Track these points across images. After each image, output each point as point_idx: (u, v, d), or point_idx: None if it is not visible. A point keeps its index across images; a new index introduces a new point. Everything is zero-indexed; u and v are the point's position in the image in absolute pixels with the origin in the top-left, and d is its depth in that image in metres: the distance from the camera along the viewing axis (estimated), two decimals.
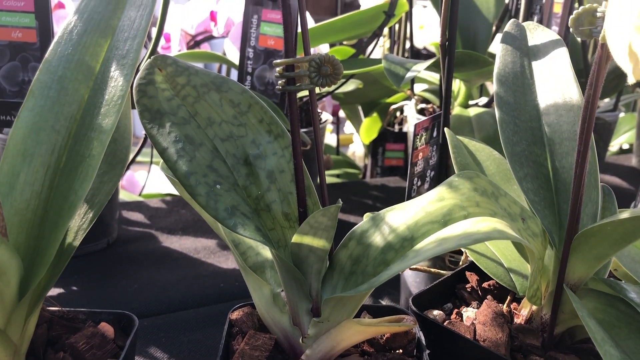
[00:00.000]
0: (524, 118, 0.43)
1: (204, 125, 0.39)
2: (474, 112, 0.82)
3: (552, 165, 0.41)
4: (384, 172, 1.13)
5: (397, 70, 0.60)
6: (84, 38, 0.37)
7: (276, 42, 0.74)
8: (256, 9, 0.74)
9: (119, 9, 0.38)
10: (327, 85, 0.35)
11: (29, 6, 0.62)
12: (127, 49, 0.36)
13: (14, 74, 0.63)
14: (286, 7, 0.34)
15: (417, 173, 0.56)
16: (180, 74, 0.39)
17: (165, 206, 0.89)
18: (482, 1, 0.87)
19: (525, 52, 0.46)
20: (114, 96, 0.35)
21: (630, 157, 1.19)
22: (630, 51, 0.28)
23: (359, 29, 0.84)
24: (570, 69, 0.43)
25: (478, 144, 0.50)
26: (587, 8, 0.33)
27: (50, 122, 0.35)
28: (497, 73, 0.45)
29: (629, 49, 0.28)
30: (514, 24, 0.48)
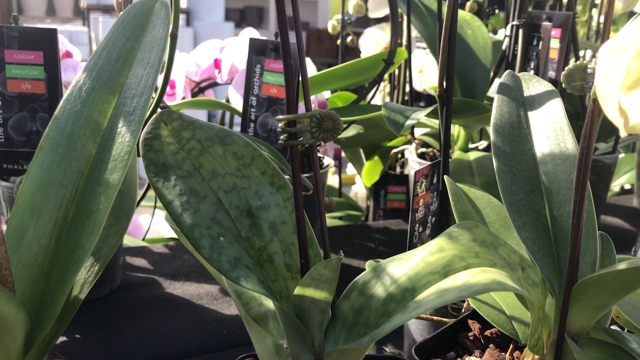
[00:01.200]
0: (521, 167, 0.44)
1: (208, 177, 0.39)
2: (473, 156, 0.83)
3: (550, 214, 0.42)
4: (386, 214, 1.13)
5: (397, 118, 0.62)
6: (92, 95, 0.38)
7: (278, 90, 0.76)
8: (259, 59, 0.76)
9: (126, 67, 0.39)
10: (328, 139, 0.36)
11: (39, 59, 0.64)
12: (135, 105, 0.37)
13: (23, 124, 0.65)
14: (288, 66, 0.35)
15: (418, 219, 0.57)
16: (185, 128, 0.40)
17: (168, 251, 0.89)
18: (479, 48, 0.89)
19: (521, 103, 0.47)
20: (121, 152, 0.36)
21: (631, 197, 1.19)
22: (620, 108, 0.29)
23: (359, 76, 0.86)
24: (565, 119, 0.44)
25: (477, 192, 0.51)
26: (577, 65, 0.34)
27: (58, 178, 0.36)
28: (493, 123, 0.46)
29: (619, 107, 0.29)
30: (510, 75, 0.49)
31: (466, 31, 0.92)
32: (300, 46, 0.38)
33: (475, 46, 0.90)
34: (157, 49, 0.39)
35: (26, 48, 0.63)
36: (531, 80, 0.48)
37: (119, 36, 0.40)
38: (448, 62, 0.52)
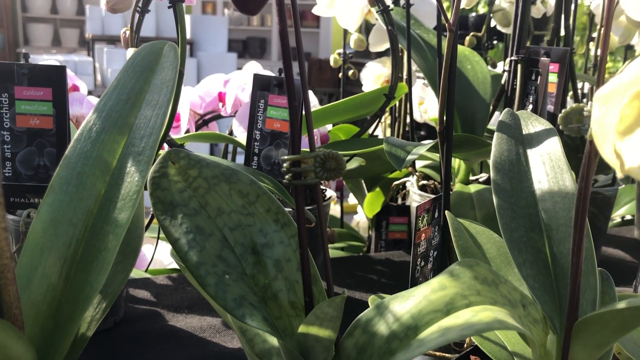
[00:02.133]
0: (521, 204, 0.45)
1: (214, 215, 0.40)
2: (474, 189, 0.84)
3: (550, 251, 0.43)
4: (388, 245, 1.14)
5: (398, 153, 0.63)
6: (102, 135, 0.39)
7: (282, 124, 0.77)
8: (263, 94, 0.78)
9: (135, 107, 0.40)
10: (332, 179, 0.37)
11: (48, 95, 0.65)
12: (143, 146, 0.38)
13: (30, 158, 0.66)
14: (293, 108, 0.36)
15: (420, 254, 0.57)
16: (192, 166, 0.41)
17: (171, 283, 0.89)
18: (478, 82, 0.91)
19: (520, 140, 0.48)
20: (130, 191, 0.37)
21: (631, 228, 1.19)
22: (615, 151, 0.30)
23: (360, 110, 0.87)
24: (563, 157, 0.45)
25: (478, 227, 0.52)
26: (574, 107, 0.35)
27: (68, 216, 0.37)
28: (493, 161, 0.47)
29: (614, 150, 0.30)
30: (509, 113, 0.50)
31: (465, 66, 0.94)
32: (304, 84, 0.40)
33: (475, 80, 0.91)
34: (166, 91, 0.40)
35: (36, 85, 0.65)
36: (530, 119, 0.50)
37: (128, 78, 0.41)
38: (448, 99, 0.54)
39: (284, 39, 0.34)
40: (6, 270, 0.30)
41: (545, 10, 1.23)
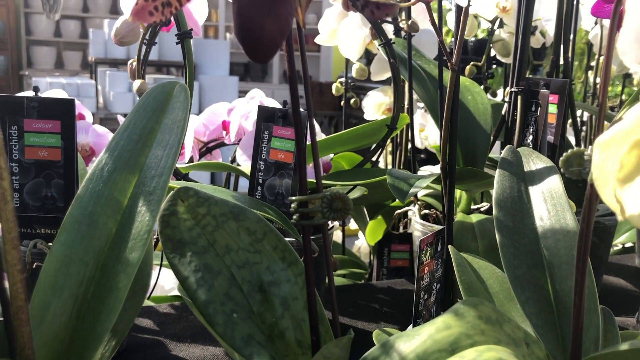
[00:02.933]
0: (523, 242, 0.46)
1: (222, 253, 0.41)
2: (476, 218, 0.84)
3: (553, 289, 0.43)
4: (390, 273, 1.14)
5: (401, 185, 0.64)
6: (113, 175, 0.40)
7: (286, 155, 0.78)
8: (267, 125, 0.79)
9: (146, 147, 0.41)
10: (338, 219, 0.38)
11: (56, 128, 0.66)
12: (154, 186, 0.39)
13: (38, 190, 0.67)
14: (300, 150, 0.37)
15: (423, 287, 0.58)
16: (201, 204, 0.42)
17: (174, 311, 0.90)
18: (479, 113, 0.92)
19: (522, 178, 0.49)
20: (141, 231, 0.38)
21: (632, 256, 1.20)
22: (615, 198, 0.31)
23: (363, 140, 0.88)
24: (564, 196, 0.46)
25: (481, 262, 0.52)
26: (575, 151, 0.36)
27: (80, 255, 0.37)
28: (496, 198, 0.48)
29: (614, 195, 0.31)
30: (510, 150, 0.51)
31: (466, 96, 0.95)
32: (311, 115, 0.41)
33: (476, 111, 0.93)
34: (177, 131, 0.41)
35: (45, 117, 0.66)
36: (531, 156, 0.51)
37: (140, 117, 0.42)
38: (451, 135, 0.55)
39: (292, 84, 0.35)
40: (20, 312, 0.31)
41: (544, 41, 1.25)
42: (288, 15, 0.31)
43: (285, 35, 0.32)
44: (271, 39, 0.31)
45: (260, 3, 0.31)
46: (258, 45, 0.31)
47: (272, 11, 0.31)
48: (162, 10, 0.31)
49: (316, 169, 0.40)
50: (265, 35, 0.31)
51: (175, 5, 0.32)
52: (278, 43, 0.32)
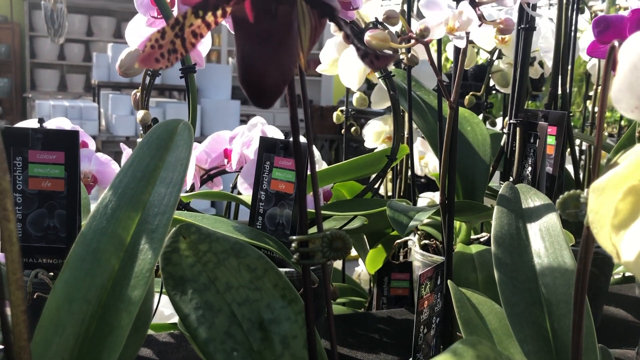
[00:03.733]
0: (521, 279, 0.46)
1: (222, 290, 0.41)
2: (475, 249, 0.85)
3: (551, 327, 0.44)
4: (390, 301, 1.14)
5: (401, 219, 0.64)
6: (117, 212, 0.41)
7: (287, 186, 0.79)
8: (269, 156, 0.80)
9: (149, 184, 0.42)
10: (339, 258, 0.38)
11: (60, 159, 0.67)
12: (157, 224, 0.40)
13: (41, 220, 0.67)
14: (302, 190, 0.38)
15: (423, 321, 0.58)
16: (202, 241, 0.42)
17: (174, 340, 0.89)
18: (478, 144, 0.93)
19: (520, 215, 0.50)
20: (143, 269, 0.38)
21: (633, 286, 1.20)
22: (611, 243, 0.31)
23: (363, 170, 0.89)
24: (562, 234, 0.46)
25: (480, 297, 0.53)
26: (571, 194, 0.37)
27: (82, 293, 0.38)
28: (494, 234, 0.48)
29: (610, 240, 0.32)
30: (508, 187, 0.52)
31: (465, 127, 0.96)
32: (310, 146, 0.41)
33: (475, 142, 0.94)
34: (180, 169, 0.42)
35: (49, 148, 0.67)
36: (529, 193, 0.51)
37: (143, 155, 0.43)
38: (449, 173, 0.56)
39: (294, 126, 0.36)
40: (22, 352, 0.31)
41: (542, 71, 1.26)
42: (291, 63, 0.32)
43: (287, 82, 0.33)
44: (274, 86, 0.32)
45: (263, 51, 0.32)
46: (261, 92, 0.32)
47: (275, 59, 0.32)
48: (168, 57, 0.32)
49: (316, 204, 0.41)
50: (268, 82, 0.32)
51: (181, 51, 0.33)
52: (281, 89, 0.33)
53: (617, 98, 0.32)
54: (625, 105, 0.32)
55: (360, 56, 0.30)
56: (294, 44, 0.33)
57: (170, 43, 0.32)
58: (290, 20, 0.32)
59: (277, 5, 0.32)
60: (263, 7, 0.32)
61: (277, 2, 0.32)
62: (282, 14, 0.32)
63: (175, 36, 0.32)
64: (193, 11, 0.32)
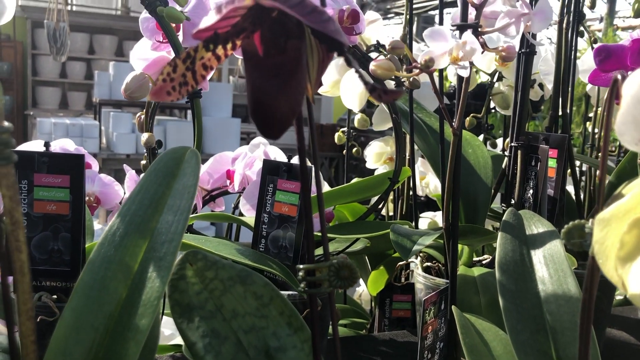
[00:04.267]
0: (526, 306, 0.46)
1: (229, 317, 0.41)
2: (478, 272, 0.85)
3: (557, 355, 0.44)
4: (392, 323, 1.13)
5: (405, 243, 0.64)
6: (125, 240, 0.41)
7: (290, 209, 0.79)
8: (272, 179, 0.80)
9: (157, 212, 0.42)
10: (346, 287, 0.39)
11: (65, 182, 0.67)
12: (165, 251, 0.40)
13: (45, 243, 0.68)
14: (309, 218, 0.38)
15: (427, 346, 0.58)
16: (209, 268, 0.43)
17: None
18: (480, 166, 0.94)
19: (524, 241, 0.50)
20: (151, 297, 0.38)
21: (635, 308, 1.19)
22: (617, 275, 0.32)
23: (365, 193, 0.90)
24: (566, 261, 0.47)
25: (485, 323, 0.53)
26: (575, 224, 0.37)
27: (90, 321, 0.38)
28: (498, 261, 0.48)
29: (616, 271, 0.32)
30: (512, 213, 0.52)
31: (467, 150, 0.97)
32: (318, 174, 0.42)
33: (476, 164, 0.94)
34: (187, 197, 0.42)
35: (54, 172, 0.67)
36: (532, 219, 0.52)
37: (151, 182, 0.44)
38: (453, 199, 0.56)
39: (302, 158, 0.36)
40: None
41: (543, 93, 1.27)
42: (299, 96, 0.33)
43: (296, 114, 0.34)
44: (283, 118, 0.32)
45: (273, 84, 0.32)
46: (271, 124, 0.33)
47: (284, 92, 0.32)
48: (179, 89, 0.33)
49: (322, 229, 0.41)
50: (278, 115, 0.32)
51: (192, 83, 0.33)
52: (290, 121, 0.33)
53: (620, 131, 0.32)
54: (629, 138, 0.32)
55: (369, 90, 0.30)
56: (303, 78, 0.33)
57: (182, 76, 0.32)
58: (299, 54, 0.33)
59: (286, 40, 0.33)
60: (272, 42, 0.33)
61: (286, 37, 0.33)
62: (291, 48, 0.33)
63: (187, 69, 0.32)
64: (204, 45, 0.33)
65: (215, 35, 0.33)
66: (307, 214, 0.39)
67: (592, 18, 5.46)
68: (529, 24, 0.49)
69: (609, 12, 6.00)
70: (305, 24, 0.32)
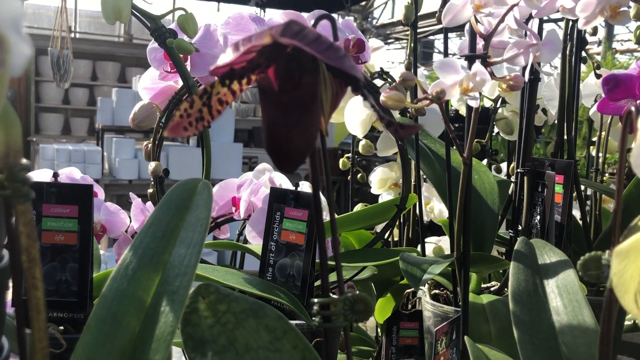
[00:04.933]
0: (540, 337, 0.46)
1: (242, 351, 0.41)
2: (486, 299, 0.84)
3: None
4: (399, 351, 1.12)
5: (414, 271, 0.64)
6: (137, 273, 0.41)
7: (297, 237, 0.79)
8: (279, 207, 0.80)
9: (170, 244, 0.42)
10: (360, 321, 0.38)
11: (74, 212, 0.67)
12: (178, 285, 0.40)
13: (53, 274, 0.67)
14: (323, 250, 0.38)
15: None
16: (221, 301, 0.42)
17: None
18: (486, 193, 0.93)
19: (536, 270, 0.50)
20: (164, 332, 0.38)
21: None
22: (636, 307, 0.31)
23: (372, 220, 0.89)
24: (580, 291, 0.46)
25: (498, 354, 0.52)
26: (592, 255, 0.37)
27: (103, 356, 0.38)
28: (512, 291, 0.48)
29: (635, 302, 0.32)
30: (524, 242, 0.52)
31: (473, 176, 0.96)
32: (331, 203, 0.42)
33: (482, 191, 0.94)
34: (200, 229, 0.42)
35: (63, 202, 0.67)
36: (544, 248, 0.51)
37: (163, 215, 0.44)
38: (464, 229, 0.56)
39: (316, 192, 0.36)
40: None
41: (546, 118, 1.27)
42: (314, 130, 0.33)
43: (312, 147, 0.34)
44: (298, 153, 0.33)
45: (288, 119, 0.32)
46: (287, 158, 0.33)
47: (299, 127, 0.32)
48: (195, 124, 0.33)
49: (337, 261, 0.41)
50: (294, 149, 0.32)
51: (208, 119, 0.34)
52: (305, 155, 0.33)
53: (636, 163, 0.32)
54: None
55: (385, 125, 0.31)
56: (317, 112, 0.34)
57: (198, 112, 0.33)
58: (314, 89, 0.33)
59: (301, 75, 0.33)
60: (287, 77, 0.33)
61: (301, 73, 0.33)
62: (306, 83, 0.33)
63: (203, 105, 0.33)
64: (220, 80, 0.33)
65: (232, 71, 0.33)
66: (320, 246, 0.39)
67: (591, 41, 5.51)
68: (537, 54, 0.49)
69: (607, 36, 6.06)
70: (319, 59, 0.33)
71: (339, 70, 0.30)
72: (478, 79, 0.45)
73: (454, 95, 0.46)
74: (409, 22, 0.90)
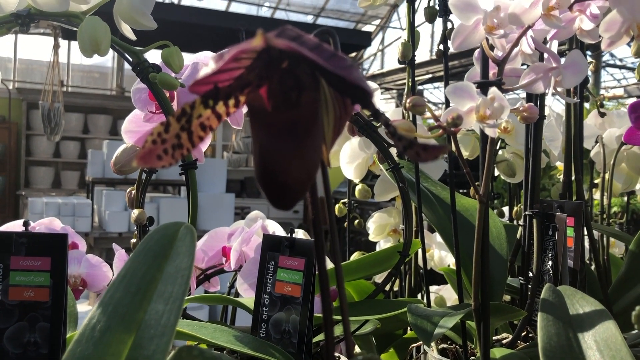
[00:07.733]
0: None
1: None
2: (499, 353, 0.77)
3: None
4: None
5: (425, 325, 0.58)
6: (106, 335, 0.34)
7: (293, 288, 0.73)
8: (273, 255, 0.74)
9: (145, 300, 0.36)
10: None
11: (46, 265, 0.61)
12: (154, 349, 0.33)
13: (20, 335, 0.60)
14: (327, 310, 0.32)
15: None
16: None
17: None
18: (493, 237, 0.88)
19: (568, 322, 0.44)
20: None
21: None
22: None
23: (374, 268, 0.83)
24: (625, 347, 0.40)
25: None
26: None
27: None
28: (542, 347, 0.42)
29: None
30: (550, 289, 0.46)
31: None
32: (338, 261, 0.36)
33: (490, 236, 0.88)
34: (181, 281, 0.36)
35: (34, 254, 0.61)
36: (575, 296, 0.45)
37: (139, 265, 0.37)
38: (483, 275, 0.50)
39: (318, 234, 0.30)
40: None
41: (548, 160, 1.23)
42: (316, 158, 0.28)
43: (312, 180, 0.28)
44: (297, 185, 0.27)
45: (285, 145, 0.27)
46: (283, 191, 0.27)
47: (298, 152, 0.27)
48: (172, 153, 0.27)
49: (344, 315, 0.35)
50: (291, 181, 0.27)
51: (187, 146, 0.28)
52: (305, 188, 0.28)
53: None
54: None
55: (403, 146, 0.25)
56: (319, 136, 0.28)
57: (176, 137, 0.27)
58: (314, 108, 0.28)
59: (299, 93, 0.28)
60: (283, 95, 0.28)
61: (299, 89, 0.28)
62: (306, 102, 0.28)
63: (182, 129, 0.27)
64: (202, 100, 0.28)
65: (216, 89, 0.28)
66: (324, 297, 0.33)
67: None
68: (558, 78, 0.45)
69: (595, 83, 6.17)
70: (320, 74, 0.28)
71: (345, 84, 0.25)
72: (496, 104, 0.40)
73: (470, 124, 0.41)
74: (406, 59, 0.86)
